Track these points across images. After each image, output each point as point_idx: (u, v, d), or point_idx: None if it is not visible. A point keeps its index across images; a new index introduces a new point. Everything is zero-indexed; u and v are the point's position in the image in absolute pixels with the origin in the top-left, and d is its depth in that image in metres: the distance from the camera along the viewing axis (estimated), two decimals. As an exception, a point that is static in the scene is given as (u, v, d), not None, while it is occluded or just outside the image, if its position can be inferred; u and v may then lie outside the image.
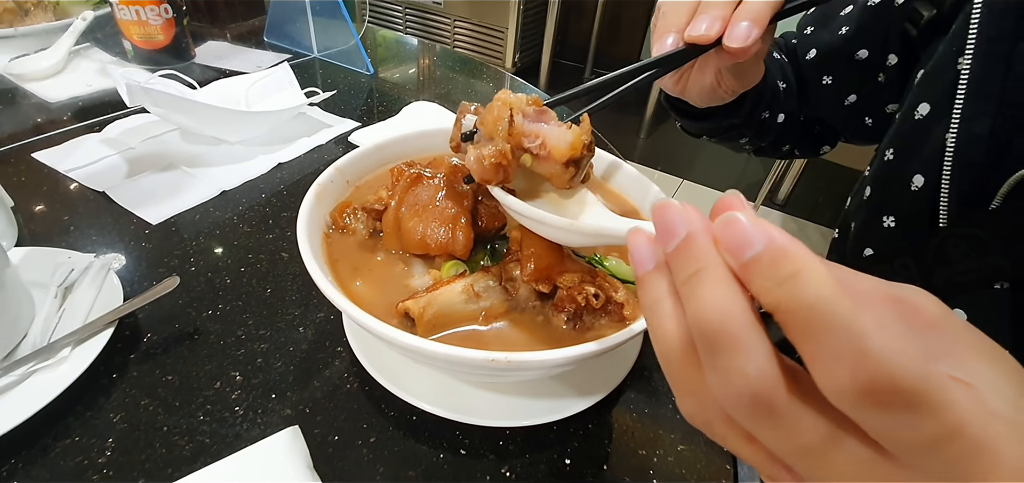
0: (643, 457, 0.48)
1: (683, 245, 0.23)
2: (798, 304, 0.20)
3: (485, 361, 0.34)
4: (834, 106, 0.67)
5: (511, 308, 0.43)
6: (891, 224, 0.50)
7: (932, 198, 0.45)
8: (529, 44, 3.57)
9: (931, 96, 0.48)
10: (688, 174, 2.95)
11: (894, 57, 0.58)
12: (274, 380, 0.50)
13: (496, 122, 0.39)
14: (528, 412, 0.47)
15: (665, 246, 0.24)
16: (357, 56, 1.20)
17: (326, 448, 0.46)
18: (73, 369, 0.46)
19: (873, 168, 0.54)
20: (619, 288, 0.42)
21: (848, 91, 0.64)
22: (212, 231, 0.68)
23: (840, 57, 0.63)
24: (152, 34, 1.06)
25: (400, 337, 0.35)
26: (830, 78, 0.65)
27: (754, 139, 0.71)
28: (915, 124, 0.48)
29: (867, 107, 0.64)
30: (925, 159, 0.46)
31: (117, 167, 0.78)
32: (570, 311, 0.41)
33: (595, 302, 0.40)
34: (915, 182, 0.47)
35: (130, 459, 0.43)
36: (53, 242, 0.63)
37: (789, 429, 0.21)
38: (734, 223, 0.22)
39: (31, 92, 0.98)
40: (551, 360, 0.35)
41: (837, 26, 0.64)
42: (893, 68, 0.58)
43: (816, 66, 0.67)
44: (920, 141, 0.47)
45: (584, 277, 0.41)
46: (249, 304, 0.58)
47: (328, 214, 0.50)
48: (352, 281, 0.45)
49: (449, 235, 0.44)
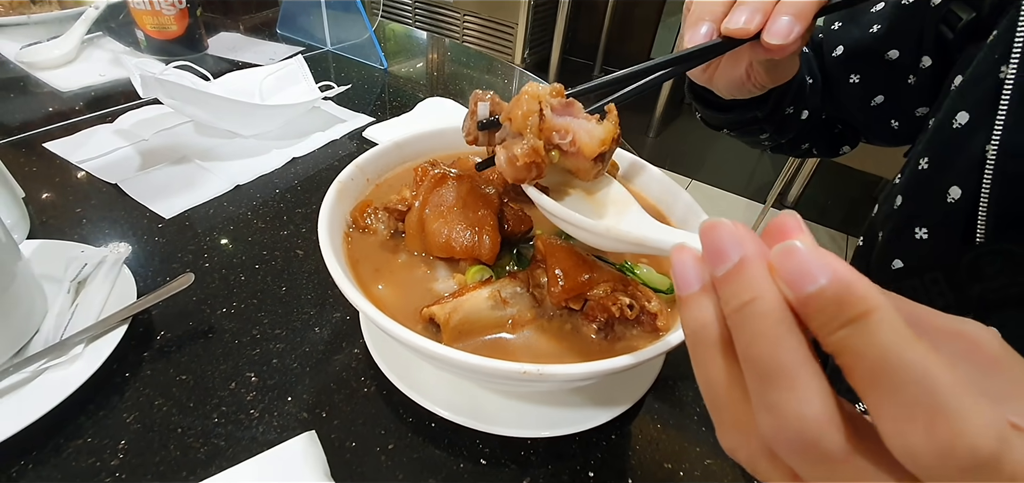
0: (668, 470, 0.47)
1: (735, 271, 0.21)
2: (865, 350, 0.18)
3: (516, 373, 0.33)
4: (860, 106, 0.65)
5: (539, 315, 0.42)
6: (923, 236, 0.48)
7: (969, 211, 0.44)
8: (539, 40, 3.54)
9: (970, 104, 0.46)
10: (697, 174, 2.93)
11: (928, 60, 0.56)
12: (290, 382, 0.49)
13: (526, 117, 0.37)
14: (550, 422, 0.46)
15: (714, 269, 0.22)
16: (371, 50, 1.19)
17: (344, 454, 0.45)
18: (86, 367, 0.45)
19: (905, 177, 0.53)
20: (652, 298, 0.40)
21: (876, 91, 0.62)
22: (226, 227, 0.67)
23: (870, 56, 0.61)
24: (165, 24, 1.05)
25: (427, 345, 0.34)
26: (858, 77, 0.63)
27: (775, 135, 0.69)
28: (952, 133, 0.46)
29: (894, 109, 0.62)
30: (963, 170, 0.45)
31: (130, 159, 0.77)
32: (602, 321, 0.39)
33: (630, 313, 0.39)
34: (951, 194, 0.45)
35: (143, 461, 0.42)
36: (64, 235, 0.62)
37: (844, 479, 0.19)
38: (794, 253, 0.20)
39: (43, 81, 0.97)
40: (584, 373, 0.34)
41: (868, 23, 0.61)
42: (926, 70, 0.56)
43: (843, 64, 0.64)
44: (957, 151, 0.46)
45: (616, 286, 0.39)
46: (264, 302, 0.57)
47: (348, 213, 0.49)
48: (374, 283, 0.44)
49: (475, 238, 0.43)
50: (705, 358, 0.23)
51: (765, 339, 0.20)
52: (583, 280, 0.39)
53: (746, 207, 2.75)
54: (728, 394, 0.22)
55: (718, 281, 0.22)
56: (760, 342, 0.20)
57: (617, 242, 0.35)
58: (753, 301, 0.20)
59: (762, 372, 0.20)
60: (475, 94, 0.42)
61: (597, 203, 0.41)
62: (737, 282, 0.21)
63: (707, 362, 0.23)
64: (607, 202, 0.41)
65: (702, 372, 0.23)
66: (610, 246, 0.36)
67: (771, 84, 0.54)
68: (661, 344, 0.36)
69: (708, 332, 0.23)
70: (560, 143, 0.37)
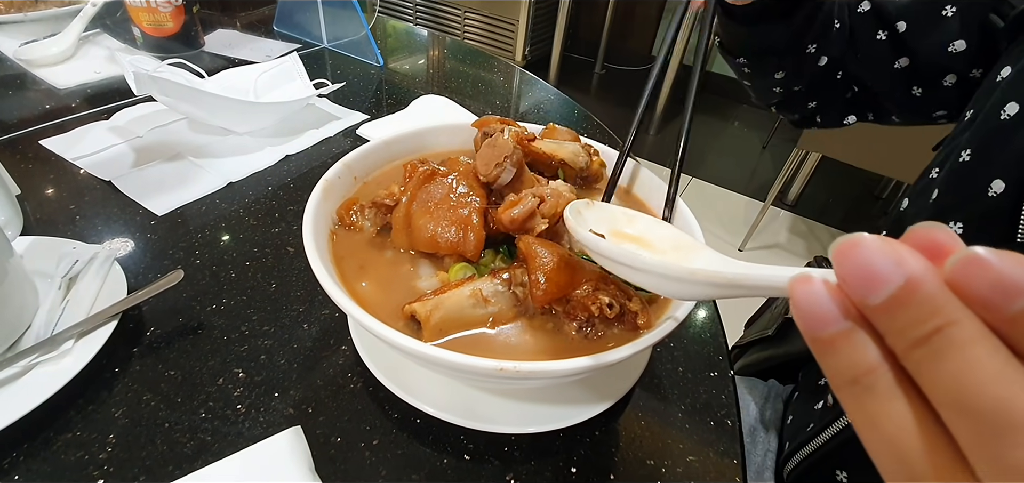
0: (651, 467, 0.47)
1: (904, 294, 0.16)
2: None
3: (494, 369, 0.33)
4: (882, 67, 0.64)
5: (520, 314, 0.42)
6: (958, 230, 0.46)
7: (1012, 207, 0.42)
8: (540, 37, 3.54)
9: (1022, 96, 0.44)
10: (698, 171, 2.92)
11: (962, 44, 0.55)
12: (277, 378, 0.50)
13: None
14: (535, 419, 0.46)
15: (867, 296, 0.17)
16: (367, 47, 1.19)
17: (328, 449, 0.45)
18: (76, 362, 0.46)
19: (944, 170, 0.51)
20: (633, 296, 0.40)
21: (898, 54, 0.61)
22: (218, 223, 0.68)
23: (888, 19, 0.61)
24: (161, 21, 1.05)
25: (405, 342, 0.35)
26: (884, 33, 0.62)
27: (789, 77, 0.68)
28: (1000, 124, 0.45)
29: (918, 76, 0.61)
30: (1008, 163, 0.43)
31: (124, 156, 0.78)
32: (582, 319, 0.40)
33: (609, 312, 0.39)
34: (994, 187, 0.43)
35: (131, 455, 0.43)
36: (58, 231, 0.63)
37: None
38: (980, 264, 0.15)
39: (40, 78, 0.97)
40: (561, 370, 0.34)
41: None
42: (958, 55, 0.56)
43: (872, 17, 0.64)
44: (1004, 143, 0.44)
45: (598, 284, 0.40)
46: (254, 299, 0.57)
47: (334, 211, 0.50)
48: (358, 280, 0.44)
49: (460, 235, 0.43)
50: (880, 413, 0.17)
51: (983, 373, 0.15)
52: (565, 282, 0.39)
53: (746, 204, 2.75)
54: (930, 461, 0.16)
55: (876, 311, 0.17)
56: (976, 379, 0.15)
57: (706, 287, 0.27)
58: (945, 329, 0.16)
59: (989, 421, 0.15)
60: (503, 152, 0.45)
61: (647, 245, 0.37)
62: (913, 308, 0.16)
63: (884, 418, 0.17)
64: (656, 241, 0.37)
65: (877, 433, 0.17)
66: (692, 292, 0.29)
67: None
68: (640, 342, 0.37)
69: (878, 378, 0.17)
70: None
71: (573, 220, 0.36)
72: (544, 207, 0.44)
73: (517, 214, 0.43)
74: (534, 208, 0.43)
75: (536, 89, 1.22)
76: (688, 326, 0.61)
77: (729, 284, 0.27)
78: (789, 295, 0.19)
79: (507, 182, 0.46)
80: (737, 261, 0.29)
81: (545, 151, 0.52)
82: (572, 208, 0.38)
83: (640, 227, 0.39)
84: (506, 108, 1.12)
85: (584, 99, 3.00)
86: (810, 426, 0.57)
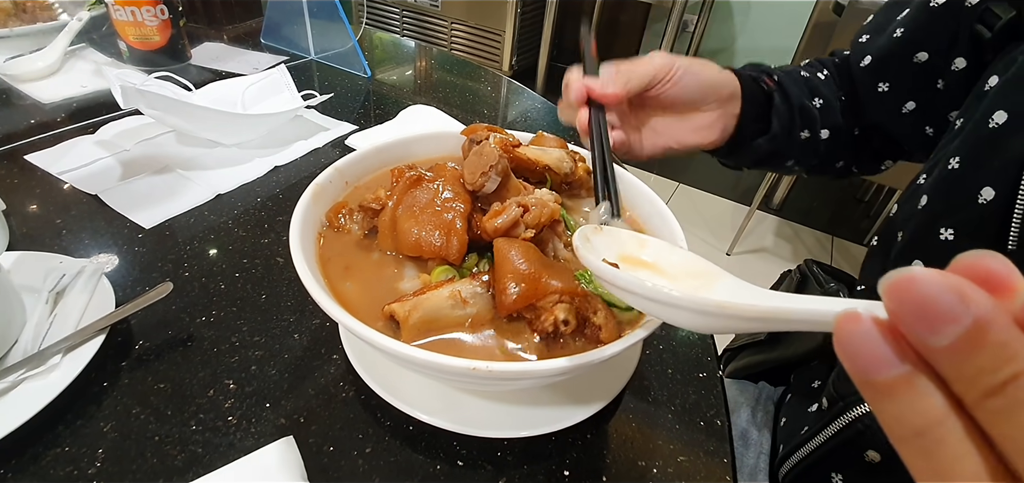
0: (642, 468, 0.48)
1: (974, 336, 0.15)
2: None
3: (466, 369, 0.34)
4: (891, 115, 0.65)
5: (498, 316, 0.42)
6: (949, 237, 0.46)
7: (1002, 214, 0.42)
8: (526, 47, 3.56)
9: (1011, 104, 0.45)
10: (683, 177, 2.95)
11: (962, 61, 0.56)
12: (268, 388, 0.50)
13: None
14: (526, 422, 0.47)
15: (930, 338, 0.16)
16: (354, 59, 1.20)
17: (321, 458, 0.45)
18: (64, 377, 0.45)
19: (932, 177, 0.51)
20: (599, 309, 0.40)
21: (905, 97, 0.63)
22: (206, 235, 0.68)
23: (895, 61, 0.62)
24: (148, 35, 1.05)
25: (381, 340, 0.35)
26: (886, 85, 0.64)
27: (802, 161, 0.71)
28: (989, 132, 0.45)
29: (927, 116, 0.62)
30: (997, 170, 0.43)
31: (111, 170, 0.77)
32: (541, 332, 0.40)
33: (564, 329, 0.39)
34: (983, 195, 0.44)
35: (121, 469, 0.43)
36: (45, 246, 0.62)
37: None
38: None
39: (25, 93, 0.97)
40: (533, 371, 0.35)
41: (892, 30, 0.62)
42: (959, 73, 0.56)
43: (872, 72, 0.65)
44: (993, 151, 0.45)
45: (563, 297, 0.40)
46: (243, 310, 0.57)
47: (324, 215, 0.50)
48: (342, 282, 0.45)
49: (443, 239, 0.44)
50: (953, 469, 0.16)
51: None
52: (531, 291, 0.40)
53: (733, 209, 2.78)
54: None
55: (941, 353, 0.16)
56: None
57: (736, 320, 0.25)
58: (1021, 376, 0.15)
59: None
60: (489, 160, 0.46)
61: (660, 271, 0.35)
62: (986, 351, 0.15)
63: (957, 474, 0.16)
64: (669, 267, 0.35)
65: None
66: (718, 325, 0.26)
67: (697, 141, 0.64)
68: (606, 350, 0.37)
69: (948, 432, 0.16)
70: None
71: (583, 249, 0.33)
72: (528, 216, 0.44)
73: (501, 224, 0.43)
74: (518, 218, 0.44)
75: (523, 98, 1.23)
76: (677, 329, 0.62)
77: (761, 318, 0.24)
78: (834, 332, 0.18)
79: (492, 190, 0.47)
80: (767, 292, 0.26)
81: (530, 157, 0.53)
82: (581, 235, 0.35)
83: (652, 252, 0.37)
84: (494, 117, 1.13)
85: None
86: (805, 429, 0.58)
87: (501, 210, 0.44)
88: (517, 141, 0.54)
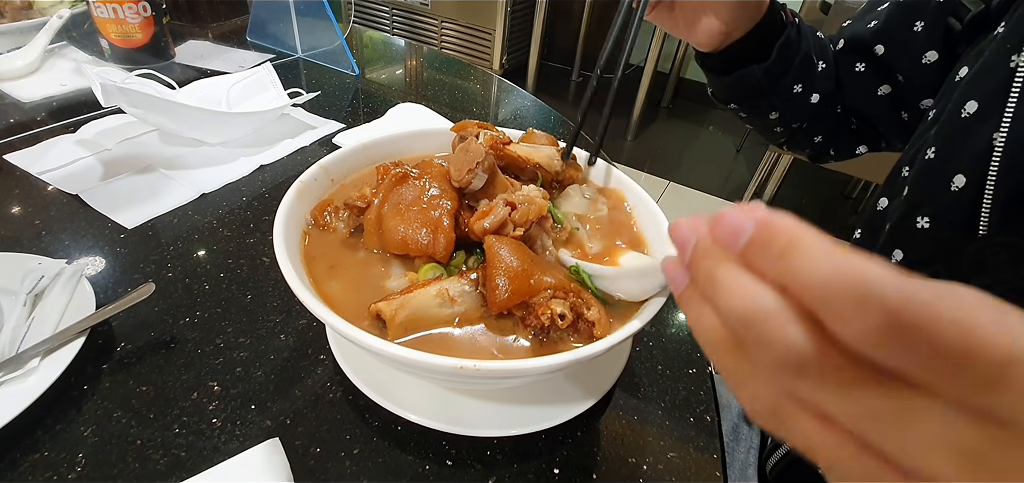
0: (633, 465, 0.47)
1: (694, 255, 0.24)
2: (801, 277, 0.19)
3: (454, 367, 0.33)
4: (868, 97, 0.66)
5: (486, 314, 0.42)
6: (925, 225, 0.48)
7: (973, 200, 0.43)
8: (516, 46, 3.56)
9: (980, 94, 0.45)
10: (674, 175, 2.96)
11: (934, 54, 0.57)
12: (254, 390, 0.49)
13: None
14: (516, 421, 0.46)
15: (684, 259, 0.25)
16: (342, 57, 1.18)
17: (308, 460, 0.44)
18: (42, 380, 0.44)
19: (913, 168, 0.52)
20: (593, 305, 0.40)
21: (881, 80, 0.64)
22: (190, 235, 0.67)
23: (864, 49, 0.63)
24: (130, 32, 1.03)
25: (366, 339, 0.34)
26: (863, 65, 0.65)
27: (785, 117, 0.70)
28: (961, 122, 0.46)
29: (901, 101, 0.63)
30: (969, 159, 0.44)
31: (92, 169, 0.76)
32: (536, 327, 0.40)
33: (561, 323, 0.39)
34: (956, 182, 0.45)
35: (102, 474, 0.42)
36: (23, 247, 0.61)
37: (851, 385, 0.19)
38: (723, 218, 0.23)
39: (4, 92, 0.95)
40: (522, 369, 0.35)
41: (869, 20, 0.64)
42: (932, 65, 0.57)
43: (848, 53, 0.66)
44: (965, 139, 0.45)
45: (557, 293, 0.40)
46: (228, 311, 0.56)
47: (309, 213, 0.49)
48: (328, 281, 0.44)
49: (430, 237, 0.43)
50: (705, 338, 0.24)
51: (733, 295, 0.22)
52: (523, 288, 0.39)
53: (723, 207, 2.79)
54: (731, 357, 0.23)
55: (689, 269, 0.25)
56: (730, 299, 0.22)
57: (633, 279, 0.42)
58: (712, 273, 0.23)
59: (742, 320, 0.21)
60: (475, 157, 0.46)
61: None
62: (699, 263, 0.24)
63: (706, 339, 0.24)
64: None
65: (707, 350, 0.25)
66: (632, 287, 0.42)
67: (726, 24, 0.59)
68: (597, 345, 0.37)
69: (702, 317, 0.24)
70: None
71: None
72: (516, 214, 0.44)
73: (489, 224, 0.43)
74: (506, 217, 0.43)
75: (514, 97, 1.23)
76: (666, 325, 0.62)
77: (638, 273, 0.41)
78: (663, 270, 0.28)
79: (479, 187, 0.47)
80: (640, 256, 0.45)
81: (521, 155, 0.52)
82: None
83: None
84: (484, 116, 1.13)
85: (561, 106, 3.02)
86: None
87: (489, 210, 0.44)
88: (507, 138, 0.53)
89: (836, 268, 0.19)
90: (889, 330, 0.17)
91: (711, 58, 0.66)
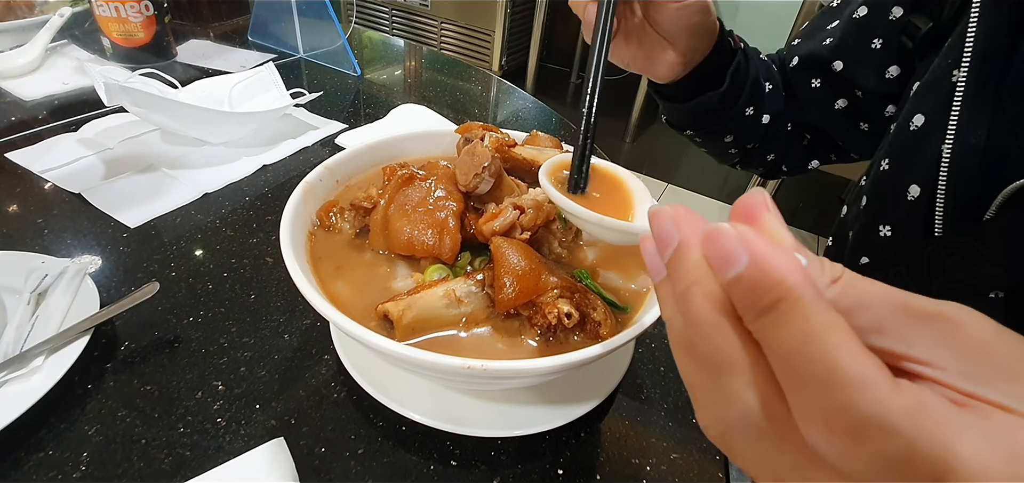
0: (636, 466, 0.48)
1: (674, 256, 0.22)
2: (775, 344, 0.18)
3: (461, 367, 0.34)
4: (824, 111, 0.67)
5: (492, 315, 0.42)
6: (887, 233, 0.50)
7: (928, 208, 0.46)
8: (516, 47, 3.56)
9: (926, 107, 0.48)
10: (672, 177, 2.97)
11: (895, 69, 0.59)
12: (258, 389, 0.49)
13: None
14: (520, 421, 0.46)
15: (662, 256, 0.23)
16: (344, 57, 1.19)
17: (313, 460, 0.44)
18: (46, 379, 0.44)
19: (870, 178, 0.55)
20: (598, 306, 0.41)
21: (837, 96, 0.65)
22: (193, 235, 0.67)
23: (822, 66, 0.64)
24: (132, 31, 1.03)
25: (374, 340, 0.35)
26: (818, 81, 0.66)
27: (739, 139, 0.71)
28: (910, 134, 0.48)
29: (861, 113, 0.64)
30: (920, 169, 0.47)
31: (94, 168, 0.76)
32: (543, 326, 0.40)
33: (567, 322, 0.39)
34: (911, 192, 0.47)
35: (106, 473, 0.42)
36: (26, 246, 0.61)
37: (804, 466, 0.19)
38: (718, 236, 0.20)
39: (5, 90, 0.94)
40: (529, 369, 0.35)
41: (823, 37, 0.65)
42: (894, 79, 0.59)
43: (803, 69, 0.67)
44: (916, 151, 0.48)
45: (564, 293, 0.40)
46: (232, 310, 0.56)
47: (314, 213, 0.49)
48: (334, 282, 0.44)
49: (436, 238, 0.43)
50: (673, 340, 0.23)
51: (700, 323, 0.20)
52: (531, 287, 0.40)
53: (719, 210, 2.80)
54: (697, 380, 0.22)
55: (667, 266, 0.23)
56: (696, 325, 0.20)
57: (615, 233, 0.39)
58: (688, 287, 0.21)
59: (704, 355, 0.21)
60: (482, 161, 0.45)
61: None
62: (677, 268, 0.22)
63: (674, 342, 0.23)
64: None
65: (676, 357, 0.24)
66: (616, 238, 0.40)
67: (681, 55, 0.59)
68: (602, 346, 0.37)
69: (675, 324, 0.23)
70: None
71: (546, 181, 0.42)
72: (524, 218, 0.44)
73: (498, 227, 0.43)
74: (515, 221, 0.44)
75: (514, 98, 1.23)
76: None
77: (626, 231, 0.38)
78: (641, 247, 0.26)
79: (486, 191, 0.47)
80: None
81: (526, 157, 0.53)
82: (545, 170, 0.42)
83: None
84: (484, 117, 1.13)
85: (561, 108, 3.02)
86: None
87: (498, 213, 0.44)
88: (512, 141, 0.54)
89: (810, 351, 0.17)
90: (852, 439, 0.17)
91: (667, 88, 0.66)
